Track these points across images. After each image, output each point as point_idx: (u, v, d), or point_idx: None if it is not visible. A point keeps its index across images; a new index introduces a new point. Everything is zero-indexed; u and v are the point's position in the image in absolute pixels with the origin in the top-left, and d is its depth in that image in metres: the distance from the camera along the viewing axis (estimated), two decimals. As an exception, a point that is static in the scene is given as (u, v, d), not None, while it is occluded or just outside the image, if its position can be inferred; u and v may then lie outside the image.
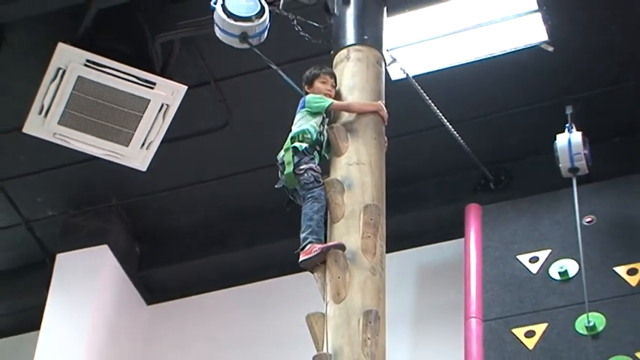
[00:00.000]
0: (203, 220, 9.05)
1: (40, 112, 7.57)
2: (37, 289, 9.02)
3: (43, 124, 7.63)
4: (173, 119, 7.61)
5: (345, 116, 6.08)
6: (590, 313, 7.07)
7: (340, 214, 5.83)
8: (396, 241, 6.51)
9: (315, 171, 5.80)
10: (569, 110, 7.70)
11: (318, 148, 5.95)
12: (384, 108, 6.08)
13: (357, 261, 5.63)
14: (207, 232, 9.10)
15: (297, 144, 5.85)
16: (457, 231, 8.13)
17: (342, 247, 5.59)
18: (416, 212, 8.27)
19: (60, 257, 9.06)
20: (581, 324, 7.09)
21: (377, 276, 5.74)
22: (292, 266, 5.85)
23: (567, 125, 7.60)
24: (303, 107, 6.03)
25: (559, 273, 7.46)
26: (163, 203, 9.05)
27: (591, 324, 7.03)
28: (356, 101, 6.09)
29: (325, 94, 6.04)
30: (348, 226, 5.75)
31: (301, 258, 5.67)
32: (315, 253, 5.58)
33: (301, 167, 5.81)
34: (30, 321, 9.04)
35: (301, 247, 5.67)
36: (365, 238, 5.72)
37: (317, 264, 5.66)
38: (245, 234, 8.68)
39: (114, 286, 9.11)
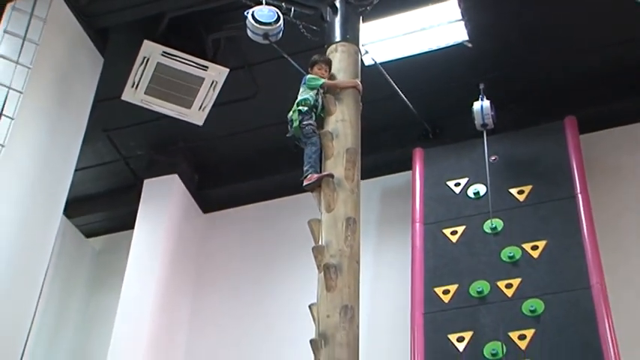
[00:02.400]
0: (242, 157, 9.08)
1: (133, 86, 7.70)
2: (131, 203, 9.01)
3: (134, 94, 7.76)
4: (220, 90, 7.66)
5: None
6: (493, 219, 7.19)
7: (330, 154, 5.94)
8: (367, 172, 6.56)
9: (312, 126, 5.97)
10: (481, 86, 7.74)
11: (315, 111, 6.03)
12: (360, 84, 6.23)
13: (341, 185, 5.76)
14: (244, 165, 9.13)
15: (300, 107, 6.03)
16: (407, 166, 8.17)
17: (331, 175, 5.74)
18: (381, 153, 8.28)
19: (146, 182, 9.07)
20: (487, 226, 7.23)
21: (354, 195, 5.85)
22: (299, 189, 5.89)
23: (480, 96, 7.68)
24: (305, 83, 6.16)
25: (473, 193, 7.58)
26: (214, 146, 9.10)
27: (494, 226, 7.17)
28: (340, 80, 6.23)
29: (320, 76, 6.14)
30: (336, 162, 5.87)
31: (305, 183, 5.80)
32: (314, 180, 5.70)
33: (304, 123, 5.96)
34: (127, 224, 9.04)
35: (304, 176, 5.80)
36: (347, 170, 5.84)
37: (315, 187, 5.78)
38: (270, 166, 8.74)
39: (180, 201, 9.12)
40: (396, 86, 7.61)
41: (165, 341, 8.32)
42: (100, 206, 9.65)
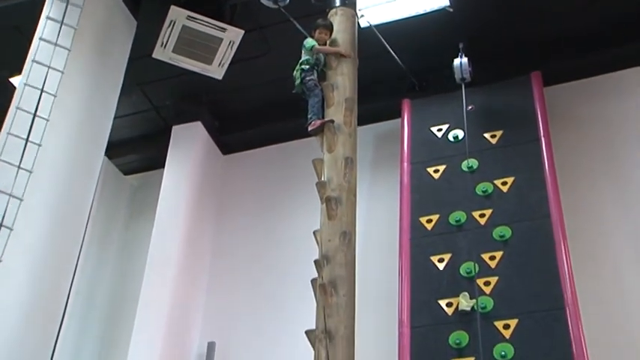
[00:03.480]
0: (256, 106, 9.06)
1: (162, 45, 7.68)
2: (162, 146, 9.03)
3: (163, 52, 7.74)
4: (237, 49, 7.68)
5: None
6: (469, 159, 7.23)
7: (331, 103, 6.01)
8: (363, 120, 6.58)
9: (314, 80, 6.02)
10: (461, 45, 7.71)
11: (316, 68, 6.11)
12: (342, 50, 6.24)
13: (340, 129, 5.83)
14: (258, 113, 9.10)
15: (302, 67, 6.13)
16: (397, 114, 8.18)
17: (332, 121, 5.79)
18: (374, 103, 8.18)
19: (174, 128, 9.09)
20: (464, 165, 7.26)
21: (352, 138, 5.94)
22: (305, 133, 5.97)
23: (460, 54, 7.66)
24: (304, 46, 6.23)
25: (453, 137, 7.60)
26: (231, 97, 9.05)
27: (470, 165, 7.21)
28: (327, 47, 6.28)
29: (320, 39, 6.19)
30: (336, 110, 5.94)
31: (309, 128, 5.86)
32: (317, 125, 5.78)
33: (306, 79, 6.03)
34: (158, 163, 9.11)
35: (308, 122, 5.83)
36: (345, 117, 5.91)
37: (318, 131, 5.85)
38: (280, 114, 8.70)
39: (203, 144, 9.14)
40: (387, 45, 7.64)
41: (192, 262, 8.42)
42: (136, 148, 9.69)
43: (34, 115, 6.26)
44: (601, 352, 6.21)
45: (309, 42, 6.20)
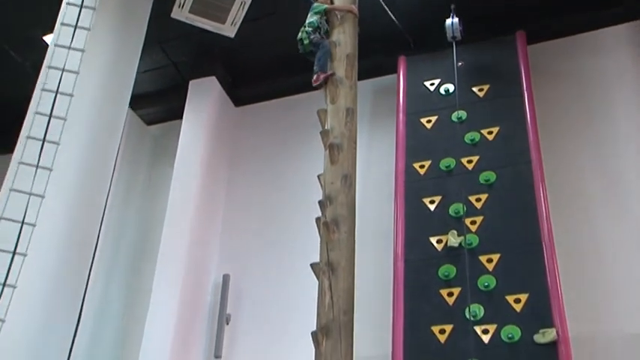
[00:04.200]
0: (265, 62, 9.01)
1: (179, 6, 7.62)
2: (180, 98, 9.04)
3: (180, 12, 7.69)
4: (248, 9, 7.62)
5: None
6: (459, 111, 7.24)
7: (334, 59, 5.97)
8: (363, 74, 6.55)
9: (320, 36, 5.91)
10: (452, 6, 7.63)
11: (319, 32, 6.00)
12: (354, 8, 6.15)
13: (342, 82, 5.81)
14: (268, 68, 9.05)
15: (307, 29, 6.00)
16: (394, 70, 8.16)
17: (334, 74, 5.72)
18: (373, 58, 8.11)
19: (191, 82, 9.09)
20: (454, 116, 7.29)
21: (352, 91, 5.93)
22: (311, 87, 5.96)
23: (451, 14, 7.60)
24: (311, 10, 6.13)
25: (444, 91, 7.60)
26: (243, 53, 9.02)
27: (459, 116, 7.22)
28: (338, 4, 6.16)
29: (324, 2, 6.12)
30: (338, 65, 5.92)
31: (314, 83, 5.83)
32: (321, 79, 5.75)
33: (311, 37, 5.91)
34: (177, 114, 9.12)
35: (314, 76, 5.80)
36: (346, 71, 5.90)
37: (322, 85, 5.81)
38: (287, 69, 8.56)
39: (218, 97, 9.14)
40: (385, 5, 7.60)
41: (208, 203, 8.51)
42: (157, 101, 9.67)
43: (63, 69, 6.32)
44: (574, 282, 6.38)
45: (317, 5, 6.16)
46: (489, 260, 6.27)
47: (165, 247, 7.92)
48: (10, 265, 6.12)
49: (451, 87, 7.53)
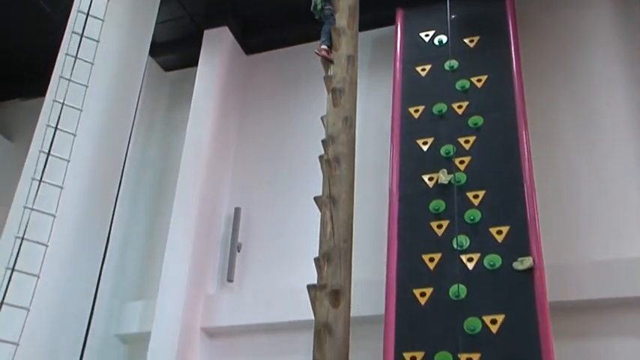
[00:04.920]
0: (275, 12, 8.93)
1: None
2: (196, 47, 8.97)
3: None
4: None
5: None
6: (451, 60, 7.18)
7: (336, 10, 5.98)
8: (363, 26, 6.53)
9: (331, 9, 5.86)
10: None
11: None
12: None
13: (345, 32, 5.99)
14: (278, 18, 8.98)
15: None
16: (392, 22, 8.03)
17: (332, 62, 5.90)
18: (373, 13, 8.09)
19: (206, 32, 9.01)
20: (447, 65, 7.21)
21: (353, 39, 6.12)
22: (317, 37, 5.92)
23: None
24: None
25: (438, 41, 7.50)
26: (254, 3, 8.97)
27: (451, 65, 7.17)
28: None
29: None
30: (341, 15, 6.02)
31: (316, 53, 5.79)
32: (322, 54, 5.72)
33: (326, 7, 5.86)
34: (193, 62, 9.03)
35: (319, 46, 5.75)
36: (348, 22, 6.00)
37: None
38: (297, 19, 8.42)
39: (230, 45, 9.06)
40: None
41: (221, 142, 8.52)
42: (174, 49, 9.58)
43: (87, 14, 6.31)
44: (550, 216, 6.47)
45: None
46: (475, 196, 6.32)
47: (182, 183, 7.97)
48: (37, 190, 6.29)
49: (444, 38, 7.43)
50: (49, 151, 6.52)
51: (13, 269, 6.08)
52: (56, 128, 6.11)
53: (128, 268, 8.22)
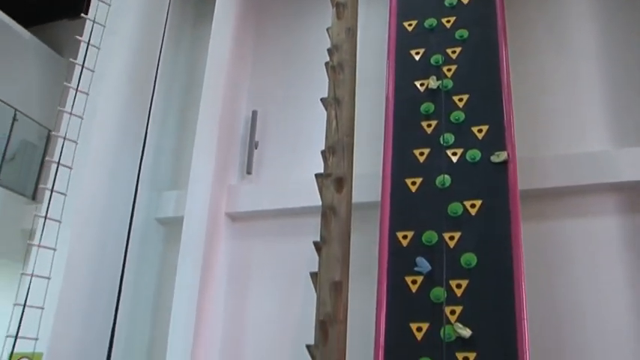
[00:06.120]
0: None
1: None
2: None
3: None
4: None
5: None
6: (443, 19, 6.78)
7: None
8: None
9: None
10: None
11: None
12: None
13: None
14: None
15: None
16: None
17: None
18: None
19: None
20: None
21: None
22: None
23: None
24: None
25: None
26: None
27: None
28: None
29: None
30: None
31: None
32: None
33: None
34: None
35: None
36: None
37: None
38: None
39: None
40: None
41: (240, 54, 8.32)
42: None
43: None
44: (525, 119, 6.49)
45: None
46: (460, 99, 6.23)
47: (206, 90, 7.85)
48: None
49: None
50: (83, 64, 6.54)
51: (58, 163, 6.27)
52: (88, 44, 6.07)
53: (163, 162, 8.29)
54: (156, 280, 7.66)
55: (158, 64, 7.26)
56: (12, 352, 5.82)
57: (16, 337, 5.79)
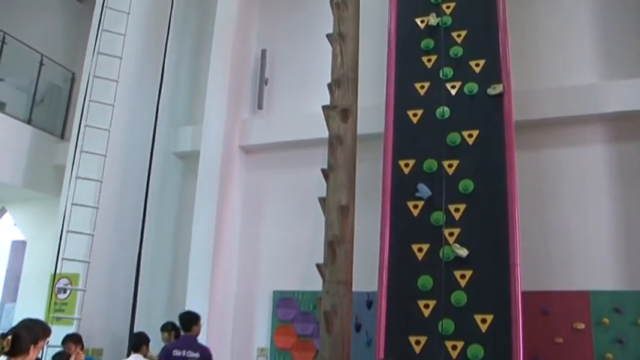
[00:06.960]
0: None
1: None
2: None
3: None
4: None
5: None
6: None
7: None
8: None
9: None
10: None
11: None
12: None
13: None
14: None
15: None
16: None
17: None
18: None
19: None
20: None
21: None
22: None
23: None
24: None
25: None
26: None
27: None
28: None
29: None
30: None
31: None
32: None
33: None
34: None
35: None
36: None
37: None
38: None
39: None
40: None
41: (245, 14, 7.92)
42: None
43: None
44: (520, 53, 6.30)
45: None
46: (459, 35, 6.14)
47: (218, 30, 7.61)
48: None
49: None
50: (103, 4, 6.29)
51: (84, 101, 6.21)
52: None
53: (179, 100, 8.13)
54: (176, 209, 7.73)
55: (172, 6, 6.95)
56: (54, 272, 6.02)
57: (57, 260, 5.99)
